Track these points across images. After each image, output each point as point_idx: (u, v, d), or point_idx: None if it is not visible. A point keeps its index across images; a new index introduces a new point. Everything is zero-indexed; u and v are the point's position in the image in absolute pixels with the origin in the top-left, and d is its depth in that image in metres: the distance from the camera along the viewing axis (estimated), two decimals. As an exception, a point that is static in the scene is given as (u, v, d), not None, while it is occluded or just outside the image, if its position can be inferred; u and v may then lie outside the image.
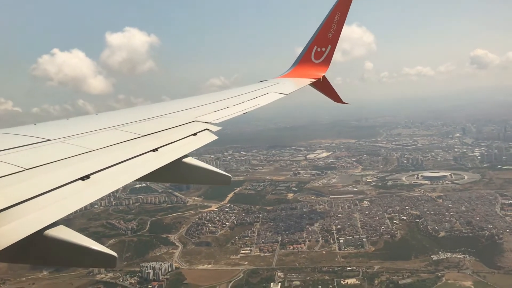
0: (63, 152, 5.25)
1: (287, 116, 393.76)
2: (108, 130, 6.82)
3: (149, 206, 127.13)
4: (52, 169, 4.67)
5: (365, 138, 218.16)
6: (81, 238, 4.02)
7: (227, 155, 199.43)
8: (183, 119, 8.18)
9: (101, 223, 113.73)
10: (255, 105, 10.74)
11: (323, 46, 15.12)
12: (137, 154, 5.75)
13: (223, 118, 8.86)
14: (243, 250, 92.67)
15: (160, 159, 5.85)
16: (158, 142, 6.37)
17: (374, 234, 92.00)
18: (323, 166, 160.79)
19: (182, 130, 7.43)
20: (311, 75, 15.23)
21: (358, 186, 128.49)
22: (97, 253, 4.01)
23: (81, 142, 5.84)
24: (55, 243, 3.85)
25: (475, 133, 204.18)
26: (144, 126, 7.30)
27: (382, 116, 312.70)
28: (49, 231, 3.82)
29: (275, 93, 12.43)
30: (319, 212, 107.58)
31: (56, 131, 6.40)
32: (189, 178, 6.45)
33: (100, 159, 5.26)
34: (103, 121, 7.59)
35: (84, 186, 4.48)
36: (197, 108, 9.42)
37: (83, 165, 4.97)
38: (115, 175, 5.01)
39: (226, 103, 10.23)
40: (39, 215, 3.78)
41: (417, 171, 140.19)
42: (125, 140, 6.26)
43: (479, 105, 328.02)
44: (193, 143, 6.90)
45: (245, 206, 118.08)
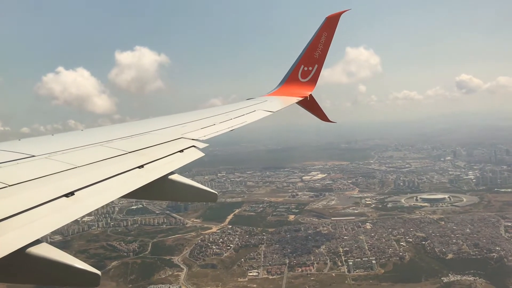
0: (48, 168, 5.19)
1: (276, 138, 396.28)
2: (94, 146, 6.78)
3: (148, 228, 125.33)
4: (36, 186, 4.63)
5: (358, 160, 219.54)
6: (64, 256, 3.98)
7: (221, 176, 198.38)
8: (170, 135, 8.18)
9: (101, 244, 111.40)
10: (242, 122, 10.76)
11: (310, 66, 15.36)
12: (123, 170, 5.71)
13: (210, 135, 8.89)
14: (250, 272, 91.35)
15: (146, 176, 5.82)
16: (144, 159, 6.35)
17: (383, 256, 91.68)
18: (319, 188, 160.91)
19: (168, 146, 7.41)
20: (298, 93, 15.43)
21: (358, 208, 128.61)
22: (80, 271, 3.97)
23: (66, 158, 5.80)
24: (37, 261, 3.79)
25: (465, 156, 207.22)
26: (130, 143, 7.27)
27: (371, 139, 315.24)
28: (31, 249, 3.77)
29: (262, 110, 12.47)
30: (324, 234, 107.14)
31: (41, 147, 6.37)
32: (175, 195, 6.40)
33: (85, 176, 5.23)
34: (88, 137, 7.58)
35: (68, 203, 4.45)
36: (184, 124, 9.43)
37: (68, 182, 4.94)
38: (100, 191, 4.98)
39: (213, 120, 10.27)
40: (22, 232, 3.71)
41: (414, 194, 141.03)
42: (111, 157, 6.22)
43: (466, 129, 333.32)
44: (179, 160, 6.89)
45: (247, 228, 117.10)
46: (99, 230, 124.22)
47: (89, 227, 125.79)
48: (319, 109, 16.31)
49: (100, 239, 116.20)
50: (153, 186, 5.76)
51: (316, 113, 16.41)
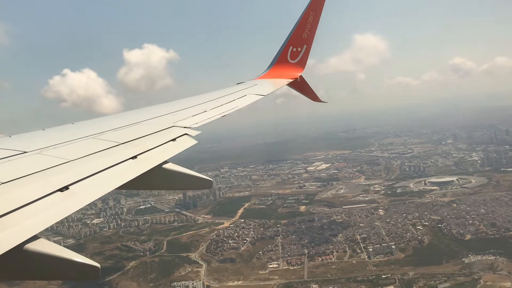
0: (40, 164, 5.17)
1: (272, 131, 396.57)
2: (86, 139, 6.76)
3: (160, 226, 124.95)
4: (30, 182, 4.61)
5: (359, 148, 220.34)
6: (63, 251, 3.96)
7: (225, 172, 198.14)
8: (161, 124, 8.18)
9: (115, 245, 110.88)
10: (233, 107, 10.74)
11: (299, 46, 15.23)
12: (116, 162, 5.71)
13: (201, 122, 8.89)
14: (270, 264, 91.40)
15: (140, 166, 5.84)
16: (137, 149, 6.37)
17: (401, 241, 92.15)
18: (325, 177, 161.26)
19: (160, 136, 7.42)
20: (288, 75, 15.34)
21: (368, 196, 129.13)
22: (80, 265, 3.96)
23: (58, 153, 5.78)
24: (36, 257, 3.79)
25: (466, 138, 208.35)
26: (122, 134, 7.26)
27: (368, 127, 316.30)
28: (29, 245, 3.77)
29: (253, 94, 12.39)
30: (339, 222, 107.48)
31: (32, 142, 6.35)
32: (171, 184, 6.42)
33: (78, 170, 5.21)
34: (80, 131, 7.52)
35: (63, 198, 4.44)
36: (175, 113, 9.42)
37: (61, 176, 4.91)
38: (94, 184, 4.97)
39: (204, 106, 10.24)
40: (18, 229, 3.71)
41: (422, 178, 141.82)
42: (104, 149, 6.22)
43: (463, 112, 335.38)
44: (172, 148, 6.92)
45: (260, 221, 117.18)
46: (111, 232, 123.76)
47: (100, 229, 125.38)
48: (310, 90, 16.16)
49: (113, 240, 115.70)
50: (148, 176, 5.78)
51: (307, 94, 16.28)
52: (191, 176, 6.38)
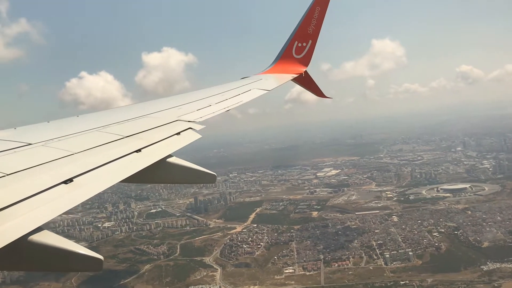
0: (45, 156, 5.20)
1: (278, 137, 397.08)
2: (90, 132, 6.80)
3: (172, 230, 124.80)
4: (34, 174, 4.64)
5: (367, 155, 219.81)
6: (66, 242, 3.99)
7: (234, 177, 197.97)
8: (166, 118, 8.18)
9: (128, 249, 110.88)
10: (237, 102, 10.72)
11: (304, 41, 15.19)
12: (121, 155, 5.72)
13: (206, 116, 8.87)
14: (286, 269, 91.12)
15: (144, 159, 5.84)
16: (141, 143, 6.38)
17: (418, 247, 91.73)
18: (336, 183, 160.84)
19: (165, 129, 7.45)
20: (293, 70, 15.29)
21: (381, 202, 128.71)
22: (83, 256, 3.97)
23: (63, 145, 5.82)
24: (40, 248, 3.82)
25: (475, 146, 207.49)
26: (126, 127, 7.30)
27: (376, 133, 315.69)
28: (33, 237, 3.79)
29: (258, 89, 12.36)
30: (354, 228, 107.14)
31: (37, 134, 6.40)
32: (174, 177, 6.42)
33: (83, 162, 5.23)
34: (84, 123, 7.57)
35: (67, 190, 4.45)
36: (180, 107, 9.42)
37: (66, 169, 4.94)
38: (98, 177, 4.99)
39: (209, 101, 10.21)
40: (23, 220, 3.72)
41: (434, 185, 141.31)
42: (108, 142, 6.24)
43: (470, 119, 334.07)
44: (176, 142, 6.93)
45: (272, 226, 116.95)
46: (123, 235, 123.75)
47: (112, 233, 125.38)
48: (314, 85, 16.11)
49: (126, 244, 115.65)
50: (152, 169, 5.78)
51: (312, 90, 16.25)
52: (195, 170, 6.41)
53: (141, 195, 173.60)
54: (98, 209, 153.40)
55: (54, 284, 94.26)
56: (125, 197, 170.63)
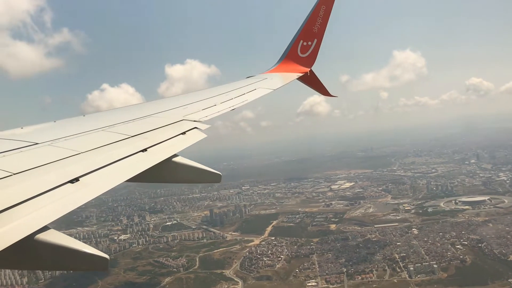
0: (51, 155, 5.23)
1: (288, 150, 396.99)
2: (96, 131, 6.82)
3: (189, 243, 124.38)
4: (41, 173, 4.67)
5: (380, 167, 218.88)
6: (72, 241, 4.01)
7: (246, 189, 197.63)
8: (172, 118, 8.20)
9: (147, 261, 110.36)
10: (243, 101, 10.69)
11: (309, 40, 15.13)
12: (126, 155, 5.75)
13: (211, 116, 8.90)
14: (309, 282, 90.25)
15: (150, 159, 5.86)
16: (147, 142, 6.40)
17: (442, 260, 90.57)
18: (351, 196, 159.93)
19: (170, 129, 7.47)
20: (298, 69, 15.24)
21: (399, 214, 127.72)
22: (89, 255, 3.98)
23: (69, 144, 5.84)
24: (46, 247, 3.85)
25: (489, 158, 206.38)
26: (132, 127, 7.34)
27: (386, 146, 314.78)
28: (39, 235, 3.82)
29: (263, 88, 12.30)
30: (374, 241, 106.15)
31: (44, 134, 6.45)
32: (180, 177, 6.42)
33: (89, 161, 5.26)
34: (90, 123, 7.59)
35: (73, 189, 4.47)
36: (185, 106, 9.43)
37: (72, 168, 4.97)
38: (104, 176, 5.00)
39: (214, 100, 10.21)
40: (29, 219, 3.74)
41: (451, 197, 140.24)
42: (114, 141, 6.26)
43: (481, 132, 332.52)
44: (182, 142, 6.95)
45: (291, 239, 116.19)
46: (140, 248, 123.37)
47: (129, 245, 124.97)
48: (320, 84, 16.04)
49: (144, 256, 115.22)
50: (157, 169, 5.81)
51: (317, 89, 16.21)
52: (200, 170, 6.41)
53: (154, 208, 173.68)
54: (113, 222, 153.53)
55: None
56: (139, 209, 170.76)
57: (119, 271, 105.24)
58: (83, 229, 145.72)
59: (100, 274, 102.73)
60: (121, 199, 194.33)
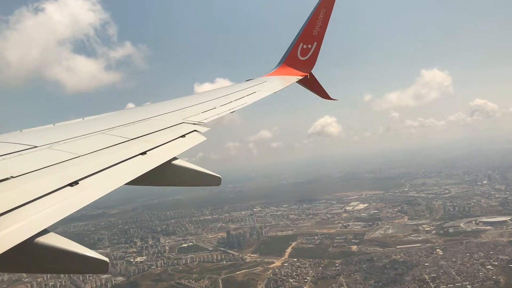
0: (51, 159, 5.19)
1: (292, 172, 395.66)
2: (96, 134, 6.80)
3: (209, 265, 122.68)
4: (40, 176, 4.63)
5: (391, 189, 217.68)
6: (72, 244, 3.96)
7: (258, 211, 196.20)
8: (171, 121, 8.18)
9: (169, 284, 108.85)
10: (242, 103, 10.65)
11: (309, 43, 15.13)
12: (126, 158, 5.70)
13: (211, 118, 8.88)
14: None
15: (149, 162, 5.81)
16: (147, 145, 6.36)
17: (475, 281, 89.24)
18: (367, 217, 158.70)
19: (170, 132, 7.44)
20: (298, 72, 15.21)
21: (420, 235, 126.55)
22: (89, 258, 3.93)
23: (68, 147, 5.80)
24: (46, 251, 3.80)
25: (500, 179, 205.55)
26: (131, 130, 7.29)
27: (394, 168, 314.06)
28: (39, 239, 3.77)
29: (263, 91, 12.26)
30: (401, 262, 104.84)
31: (43, 137, 6.40)
32: (180, 180, 6.38)
33: (88, 165, 5.22)
34: (90, 126, 7.60)
35: (73, 192, 4.42)
36: (185, 109, 9.43)
37: (71, 171, 4.92)
38: (104, 180, 4.96)
39: (214, 103, 10.21)
40: (28, 222, 3.69)
41: (470, 218, 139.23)
42: (113, 144, 6.22)
43: (489, 153, 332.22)
44: (182, 145, 6.92)
45: (313, 260, 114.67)
46: (159, 270, 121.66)
47: (148, 267, 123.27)
48: (319, 87, 15.95)
49: (164, 278, 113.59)
50: (157, 172, 5.77)
51: (317, 92, 16.08)
52: (200, 173, 6.36)
53: (167, 230, 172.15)
54: (126, 244, 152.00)
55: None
56: (152, 232, 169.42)
57: None
58: (97, 251, 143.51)
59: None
60: (131, 221, 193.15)
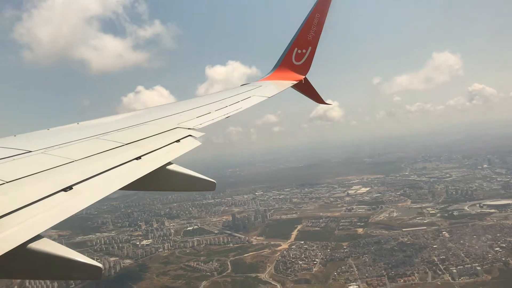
0: (45, 163, 5.21)
1: (289, 157, 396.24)
2: (90, 139, 6.82)
3: (215, 247, 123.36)
4: (34, 181, 4.65)
5: (392, 173, 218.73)
6: (66, 251, 3.97)
7: (261, 195, 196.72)
8: (166, 126, 8.20)
9: (178, 266, 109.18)
10: (237, 108, 10.73)
11: (304, 48, 15.16)
12: (120, 163, 5.72)
13: (206, 123, 8.91)
14: (350, 285, 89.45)
15: (144, 167, 5.84)
16: (141, 150, 6.40)
17: (484, 262, 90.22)
18: (370, 201, 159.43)
19: (165, 137, 7.47)
20: (292, 77, 15.27)
21: (425, 218, 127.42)
22: (82, 265, 3.96)
23: (62, 152, 5.82)
24: (39, 256, 3.81)
25: (500, 163, 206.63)
26: (126, 134, 7.33)
27: (392, 152, 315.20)
28: (32, 244, 3.77)
29: (258, 96, 12.35)
30: (409, 244, 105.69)
31: (37, 142, 6.42)
32: (174, 185, 6.39)
33: (82, 169, 5.24)
34: (84, 131, 7.63)
35: (67, 197, 4.45)
36: (180, 114, 9.48)
37: (66, 176, 4.95)
38: (98, 184, 5.00)
39: (208, 108, 10.26)
40: (22, 228, 3.72)
41: (473, 201, 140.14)
42: (108, 149, 6.24)
43: (487, 138, 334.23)
44: (176, 150, 6.93)
45: (321, 243, 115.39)
46: (167, 252, 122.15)
47: (155, 250, 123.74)
48: (314, 92, 16.02)
49: (172, 261, 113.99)
50: (152, 177, 5.77)
51: (312, 96, 16.19)
52: (195, 178, 6.35)
53: (170, 213, 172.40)
54: (130, 228, 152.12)
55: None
56: (155, 215, 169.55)
57: (151, 276, 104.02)
58: (102, 235, 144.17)
59: (135, 279, 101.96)
60: (133, 205, 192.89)
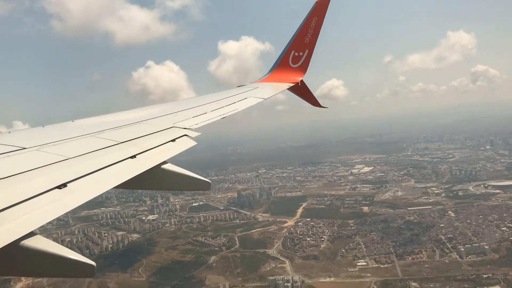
0: (39, 161, 5.19)
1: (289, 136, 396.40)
2: (85, 137, 6.82)
3: (222, 223, 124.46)
4: (28, 178, 4.64)
5: (394, 153, 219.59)
6: (59, 248, 3.99)
7: (263, 173, 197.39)
8: (161, 125, 8.20)
9: (186, 241, 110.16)
10: (233, 109, 10.75)
11: (301, 51, 15.21)
12: (115, 161, 5.72)
13: (201, 123, 8.91)
14: (358, 262, 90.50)
15: (139, 166, 5.84)
16: (136, 149, 6.39)
17: (492, 242, 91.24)
18: (374, 180, 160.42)
19: (160, 136, 7.47)
20: (289, 79, 15.30)
21: (430, 198, 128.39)
22: (76, 262, 3.97)
23: (57, 150, 5.80)
24: (32, 254, 3.83)
25: (503, 144, 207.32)
26: (121, 133, 7.33)
27: (393, 132, 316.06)
28: (25, 241, 3.80)
29: (254, 97, 12.39)
30: (416, 222, 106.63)
31: (32, 139, 6.46)
32: (169, 184, 6.41)
33: (77, 167, 5.24)
34: (79, 128, 7.65)
35: (61, 195, 4.44)
36: (175, 113, 9.48)
37: (60, 174, 4.94)
38: (92, 183, 4.99)
39: (204, 108, 10.29)
40: (15, 225, 3.71)
41: (477, 182, 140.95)
42: (103, 147, 6.23)
43: (489, 119, 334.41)
44: (171, 149, 6.94)
45: (327, 220, 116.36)
46: (174, 227, 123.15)
47: (162, 225, 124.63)
48: (310, 95, 16.02)
49: (179, 236, 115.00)
50: (146, 176, 5.77)
51: (308, 99, 16.23)
52: (189, 177, 6.35)
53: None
54: (135, 203, 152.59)
55: (121, 274, 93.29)
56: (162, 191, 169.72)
57: (160, 250, 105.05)
58: (107, 209, 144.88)
59: (143, 253, 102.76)
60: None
